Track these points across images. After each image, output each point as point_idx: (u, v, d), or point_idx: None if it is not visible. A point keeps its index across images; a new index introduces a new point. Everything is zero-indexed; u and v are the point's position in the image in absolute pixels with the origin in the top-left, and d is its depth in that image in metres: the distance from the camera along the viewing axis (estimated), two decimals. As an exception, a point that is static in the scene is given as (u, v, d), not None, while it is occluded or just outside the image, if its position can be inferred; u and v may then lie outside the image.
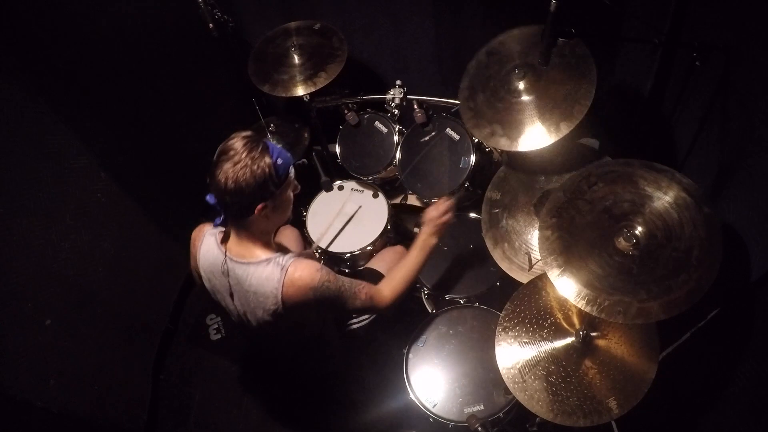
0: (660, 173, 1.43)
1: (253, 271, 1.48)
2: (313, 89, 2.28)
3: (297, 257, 1.49)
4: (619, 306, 1.28)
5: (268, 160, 1.39)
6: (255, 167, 1.36)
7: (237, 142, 1.38)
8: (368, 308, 1.66)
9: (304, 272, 1.45)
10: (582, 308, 1.31)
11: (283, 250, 1.62)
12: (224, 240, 1.55)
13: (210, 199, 1.45)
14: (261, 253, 1.50)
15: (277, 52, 2.42)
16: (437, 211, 1.78)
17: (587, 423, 1.39)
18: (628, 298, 1.29)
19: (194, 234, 1.64)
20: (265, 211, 1.44)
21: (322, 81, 2.27)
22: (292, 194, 1.54)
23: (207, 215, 1.66)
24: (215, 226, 1.56)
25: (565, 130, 1.66)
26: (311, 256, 2.14)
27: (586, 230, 1.43)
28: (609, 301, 1.30)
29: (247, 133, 1.42)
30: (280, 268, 1.45)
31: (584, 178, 1.50)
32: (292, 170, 1.49)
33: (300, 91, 2.29)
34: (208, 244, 1.57)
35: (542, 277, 1.65)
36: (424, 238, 1.76)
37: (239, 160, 1.36)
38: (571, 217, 1.46)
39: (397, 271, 1.73)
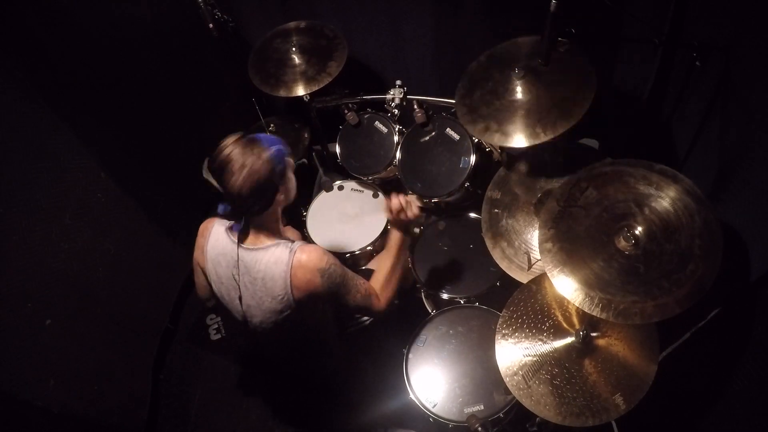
0: (648, 170, 1.43)
1: (262, 255, 1.51)
2: (313, 89, 2.28)
3: (305, 242, 1.55)
4: (634, 307, 1.28)
5: (266, 154, 1.43)
6: (260, 165, 1.41)
7: (232, 150, 1.42)
8: (366, 305, 1.65)
9: (312, 254, 1.50)
10: (598, 315, 1.30)
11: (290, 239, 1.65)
12: (240, 237, 1.58)
13: (222, 209, 1.54)
14: (270, 240, 1.55)
15: (277, 52, 2.42)
16: (392, 211, 1.74)
17: (596, 422, 1.39)
18: (641, 298, 1.29)
19: (203, 226, 1.67)
20: (282, 196, 1.52)
21: (323, 81, 2.28)
22: (291, 174, 1.58)
23: (209, 214, 1.66)
24: (220, 214, 1.60)
25: (561, 128, 1.65)
26: None
27: (586, 237, 1.42)
28: (624, 304, 1.29)
29: (235, 137, 1.46)
30: (289, 250, 1.50)
31: (575, 185, 1.50)
32: (286, 149, 1.53)
33: (300, 90, 2.29)
34: (218, 233, 1.61)
35: (536, 280, 1.65)
36: (395, 238, 1.74)
37: (244, 164, 1.40)
38: (568, 226, 1.46)
39: (379, 275, 1.71)
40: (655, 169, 1.42)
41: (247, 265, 1.53)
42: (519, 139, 1.71)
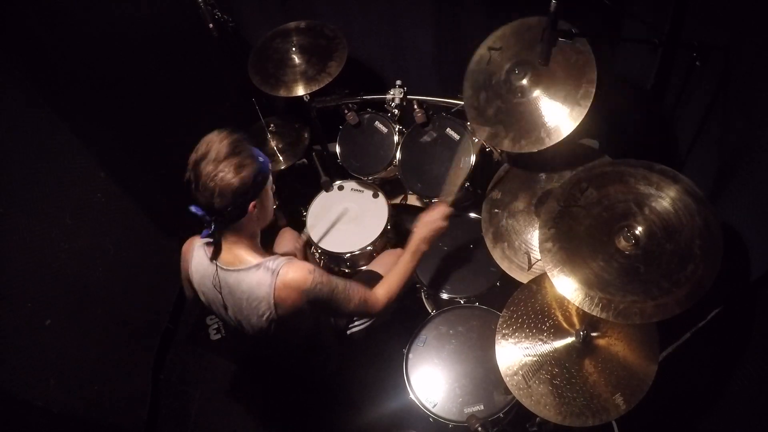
0: (648, 170, 1.43)
1: (244, 277, 1.46)
2: (313, 89, 2.29)
3: (289, 260, 1.48)
4: (634, 307, 1.28)
5: (253, 162, 1.38)
6: (247, 166, 1.36)
7: (219, 146, 1.35)
8: (361, 311, 1.65)
9: (297, 274, 1.44)
10: (598, 315, 1.30)
11: (273, 254, 1.59)
12: (214, 252, 1.50)
13: (196, 210, 1.41)
14: (251, 259, 1.48)
15: (277, 52, 2.42)
16: (431, 216, 1.75)
17: (596, 422, 1.39)
18: (642, 298, 1.29)
19: (185, 247, 1.62)
20: (255, 210, 1.44)
21: (323, 81, 2.28)
22: (270, 191, 1.53)
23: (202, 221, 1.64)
24: (202, 237, 1.51)
25: (565, 131, 1.66)
26: (306, 257, 2.15)
27: (586, 237, 1.42)
28: (624, 303, 1.29)
29: (224, 133, 1.38)
30: (271, 272, 1.44)
31: (575, 185, 1.50)
32: (270, 165, 1.49)
33: (300, 90, 2.29)
34: (199, 257, 1.56)
35: (536, 280, 1.65)
36: (417, 243, 1.73)
37: (231, 163, 1.34)
38: (568, 226, 1.46)
39: (390, 276, 1.72)
40: (655, 169, 1.42)
41: (230, 286, 1.49)
42: (526, 144, 1.71)
